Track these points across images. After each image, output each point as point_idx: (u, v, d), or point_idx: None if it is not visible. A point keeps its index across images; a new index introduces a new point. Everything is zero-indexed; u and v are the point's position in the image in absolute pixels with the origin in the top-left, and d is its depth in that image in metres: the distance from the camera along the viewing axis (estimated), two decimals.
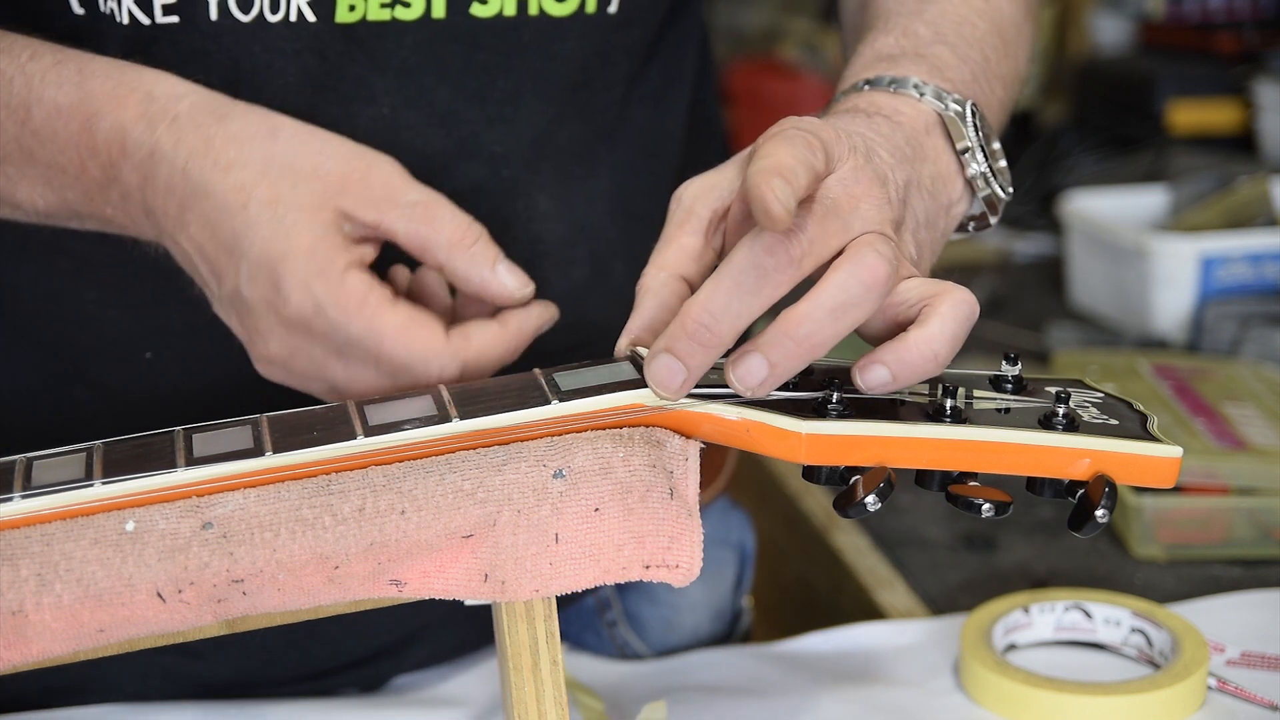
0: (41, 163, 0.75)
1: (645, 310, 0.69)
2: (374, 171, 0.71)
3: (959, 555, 1.07)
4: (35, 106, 0.74)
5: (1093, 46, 2.23)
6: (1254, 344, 1.32)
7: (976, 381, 0.68)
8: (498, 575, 0.64)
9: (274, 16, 0.77)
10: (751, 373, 0.64)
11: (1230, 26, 2.01)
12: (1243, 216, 1.49)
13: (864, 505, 0.63)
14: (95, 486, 0.61)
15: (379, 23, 0.79)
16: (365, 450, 0.64)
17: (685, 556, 0.65)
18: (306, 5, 0.77)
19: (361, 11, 0.78)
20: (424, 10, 0.79)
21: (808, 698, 0.85)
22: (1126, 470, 0.65)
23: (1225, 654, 0.86)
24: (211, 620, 0.62)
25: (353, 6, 0.78)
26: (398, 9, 0.79)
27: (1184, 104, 1.88)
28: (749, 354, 0.64)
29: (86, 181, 0.74)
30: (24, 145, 0.75)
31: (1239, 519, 1.04)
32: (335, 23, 0.78)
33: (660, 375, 0.65)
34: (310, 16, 0.78)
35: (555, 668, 0.66)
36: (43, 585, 0.59)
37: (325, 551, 0.62)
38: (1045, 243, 1.77)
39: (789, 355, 0.64)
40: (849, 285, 0.64)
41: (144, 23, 0.77)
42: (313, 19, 0.78)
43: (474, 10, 0.80)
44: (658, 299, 0.69)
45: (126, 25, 0.78)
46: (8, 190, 0.76)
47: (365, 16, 0.78)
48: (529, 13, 0.81)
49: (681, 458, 0.66)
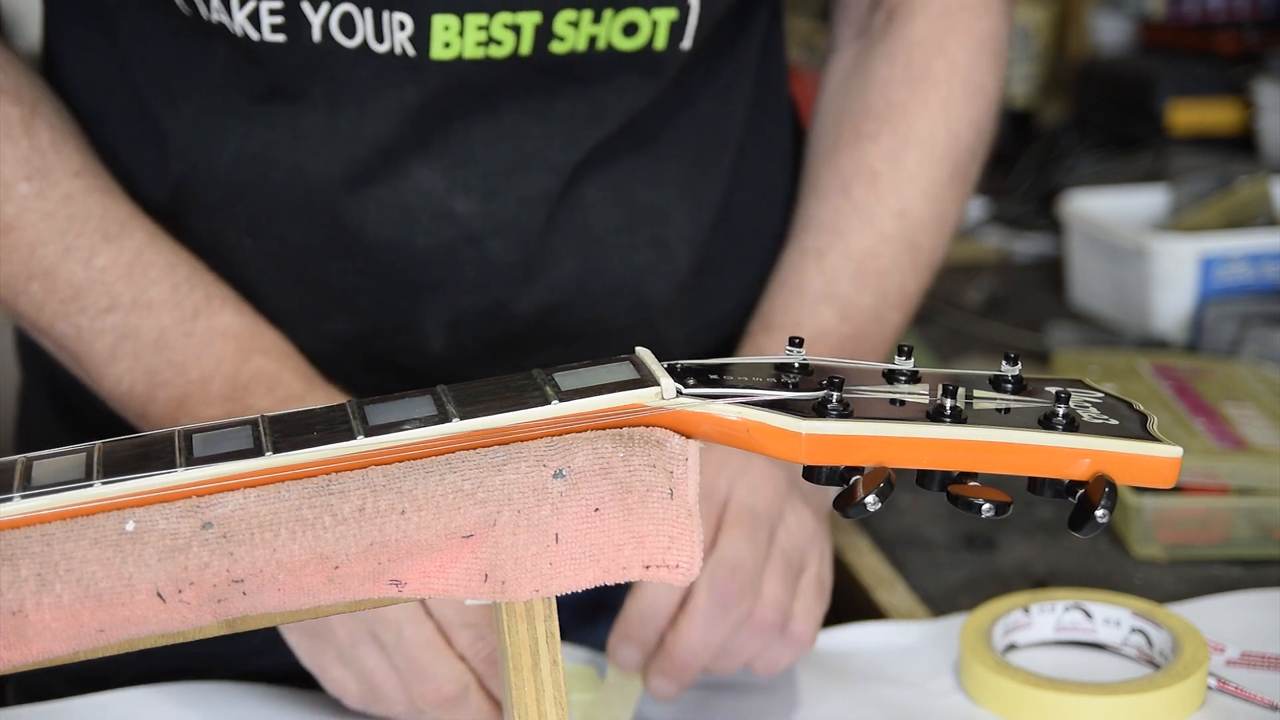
0: (167, 357, 0.82)
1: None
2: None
3: (959, 555, 1.07)
4: (205, 316, 0.84)
5: (1093, 46, 2.23)
6: (1254, 344, 1.32)
7: (976, 381, 0.68)
8: (498, 575, 0.64)
9: (380, 46, 0.83)
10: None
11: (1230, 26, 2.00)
12: (1243, 216, 1.49)
13: (864, 505, 0.63)
14: (95, 486, 0.61)
15: (474, 60, 0.84)
16: (365, 450, 0.63)
17: (685, 556, 0.65)
18: (407, 40, 0.83)
19: (457, 50, 0.83)
20: (512, 49, 0.84)
21: (808, 697, 0.85)
22: (1126, 470, 0.65)
23: (1225, 654, 0.86)
24: (211, 620, 0.62)
25: (448, 44, 0.83)
26: (491, 47, 0.84)
27: (1184, 104, 1.88)
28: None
29: (197, 390, 0.82)
30: (166, 338, 0.83)
31: (1239, 519, 1.04)
32: (431, 59, 0.83)
33: (663, 693, 0.83)
34: (411, 51, 0.83)
35: (555, 668, 0.66)
36: (43, 585, 0.59)
37: (325, 551, 0.62)
38: (1045, 243, 1.77)
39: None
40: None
41: (254, 38, 0.83)
42: (413, 53, 0.83)
43: (552, 47, 0.85)
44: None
45: (239, 36, 0.83)
46: (100, 362, 0.83)
47: (461, 55, 0.83)
48: (597, 48, 0.86)
49: (681, 458, 0.66)
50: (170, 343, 0.82)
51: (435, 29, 0.82)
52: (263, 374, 0.82)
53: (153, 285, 0.83)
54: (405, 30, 0.82)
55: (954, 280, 1.62)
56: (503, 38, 0.83)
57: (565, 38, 0.85)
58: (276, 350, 0.85)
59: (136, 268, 0.83)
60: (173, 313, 0.83)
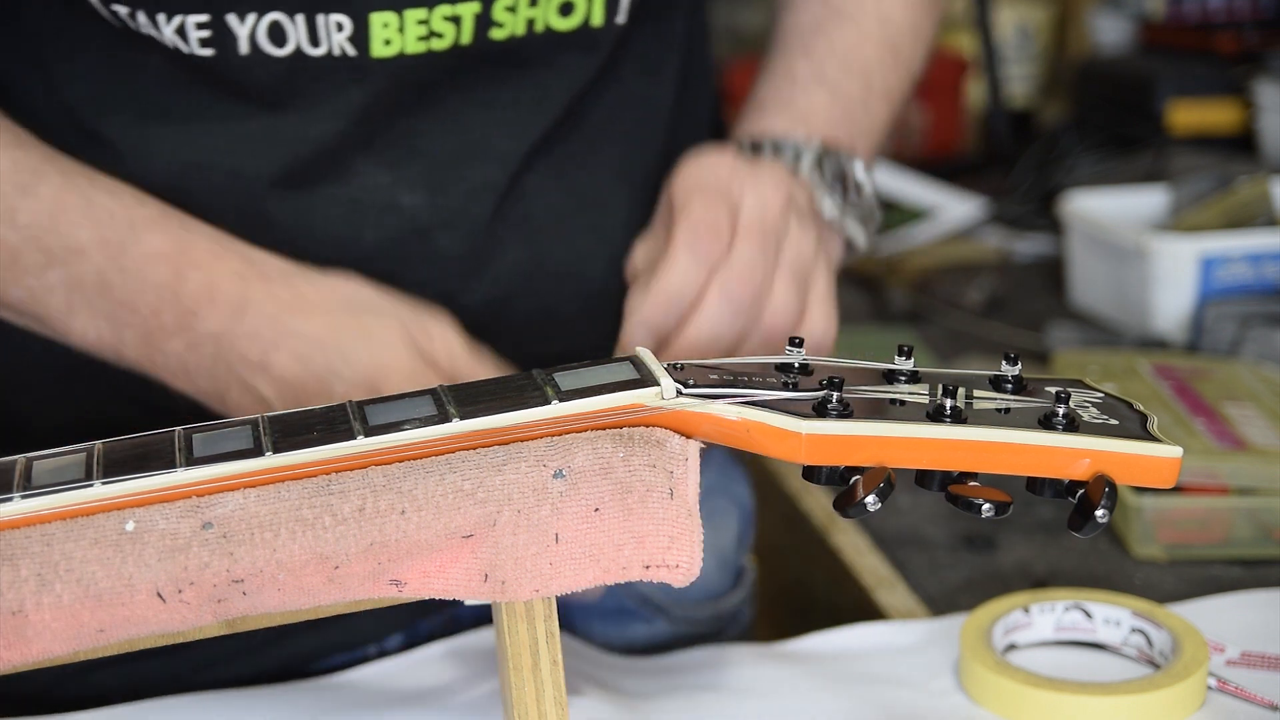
0: (115, 299, 0.81)
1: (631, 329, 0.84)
2: (434, 324, 0.83)
3: (959, 555, 1.07)
4: (132, 247, 0.81)
5: (1093, 46, 2.23)
6: (1254, 344, 1.32)
7: (976, 381, 0.68)
8: (498, 575, 0.64)
9: (316, 50, 0.83)
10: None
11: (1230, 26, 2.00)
12: (1243, 216, 1.48)
13: (864, 505, 0.63)
14: (95, 486, 0.61)
15: (415, 55, 0.84)
16: (365, 450, 0.64)
17: (685, 556, 0.65)
18: (346, 40, 0.83)
19: (399, 46, 0.83)
20: (453, 40, 0.85)
21: (808, 698, 0.85)
22: (1126, 470, 0.65)
23: (1225, 654, 0.86)
24: (211, 620, 0.62)
25: (388, 41, 0.83)
26: (433, 40, 0.84)
27: (1184, 104, 1.88)
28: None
29: (153, 324, 0.81)
30: (105, 279, 0.81)
31: (1239, 519, 1.04)
32: (372, 57, 0.83)
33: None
34: (351, 51, 0.83)
35: (555, 668, 0.66)
36: (43, 585, 0.59)
37: (325, 551, 0.62)
38: (1045, 243, 1.76)
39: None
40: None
41: (184, 50, 0.82)
42: (354, 53, 0.83)
43: (492, 34, 0.86)
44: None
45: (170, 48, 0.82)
46: (63, 318, 0.82)
47: (403, 51, 0.84)
48: (535, 30, 0.87)
49: (681, 458, 0.66)
50: (111, 283, 0.81)
51: (374, 27, 0.82)
52: (200, 290, 0.81)
53: (77, 229, 0.81)
54: (344, 31, 0.82)
55: (954, 280, 1.62)
56: (443, 30, 0.84)
57: (504, 24, 0.85)
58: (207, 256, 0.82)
59: (58, 215, 0.81)
60: (102, 252, 0.81)
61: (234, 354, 0.80)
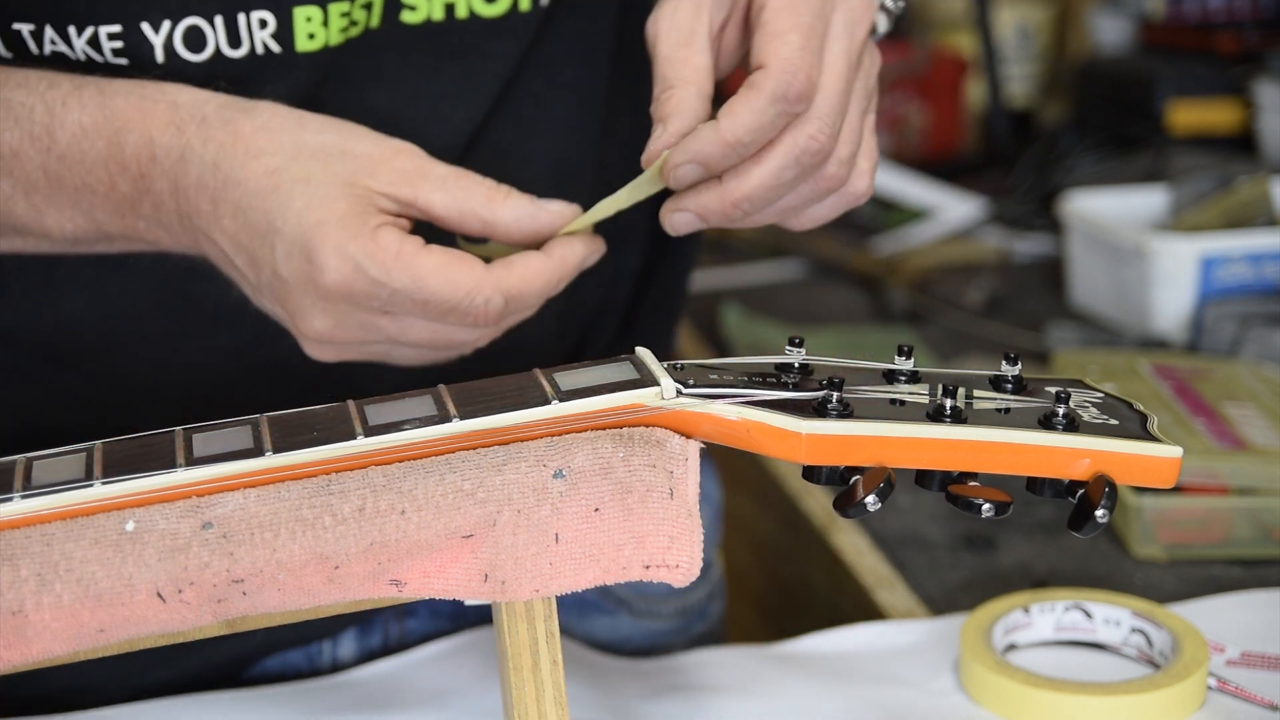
0: (69, 187, 0.78)
1: (674, 130, 0.76)
2: (401, 155, 0.76)
3: (959, 555, 1.07)
4: (59, 131, 0.77)
5: (1093, 46, 2.23)
6: (1254, 344, 1.32)
7: (976, 381, 0.68)
8: (498, 575, 0.64)
9: (236, 51, 0.80)
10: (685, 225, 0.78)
11: (1230, 26, 2.00)
12: (1243, 216, 1.48)
13: (864, 505, 0.63)
14: (95, 486, 0.61)
15: (338, 47, 0.82)
16: (365, 450, 0.64)
17: (685, 556, 0.65)
18: (270, 37, 0.81)
19: (323, 39, 0.81)
20: (364, 25, 0.83)
21: (808, 698, 0.85)
22: (1126, 470, 0.65)
23: (1225, 654, 0.86)
24: (211, 620, 0.62)
25: (312, 35, 0.81)
26: (351, 29, 0.82)
27: (1184, 104, 1.88)
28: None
29: (116, 198, 0.77)
30: (50, 172, 0.78)
31: (1239, 519, 1.04)
32: (298, 52, 0.81)
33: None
34: (276, 48, 0.81)
35: (555, 668, 0.66)
36: (43, 585, 0.59)
37: (325, 551, 0.62)
38: (1045, 243, 1.76)
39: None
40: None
41: (98, 61, 0.80)
42: (278, 49, 0.81)
43: (403, 17, 0.84)
44: (685, 121, 0.77)
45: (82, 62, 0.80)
46: (35, 220, 0.79)
47: (327, 44, 0.82)
48: (457, 16, 0.85)
49: (681, 458, 0.66)
50: (59, 175, 0.79)
51: (298, 21, 0.81)
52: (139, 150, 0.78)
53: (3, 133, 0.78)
54: (267, 28, 0.81)
55: (954, 280, 1.62)
56: (359, 17, 0.82)
57: (417, 6, 0.84)
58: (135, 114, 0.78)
59: None
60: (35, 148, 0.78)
61: (190, 207, 0.76)
